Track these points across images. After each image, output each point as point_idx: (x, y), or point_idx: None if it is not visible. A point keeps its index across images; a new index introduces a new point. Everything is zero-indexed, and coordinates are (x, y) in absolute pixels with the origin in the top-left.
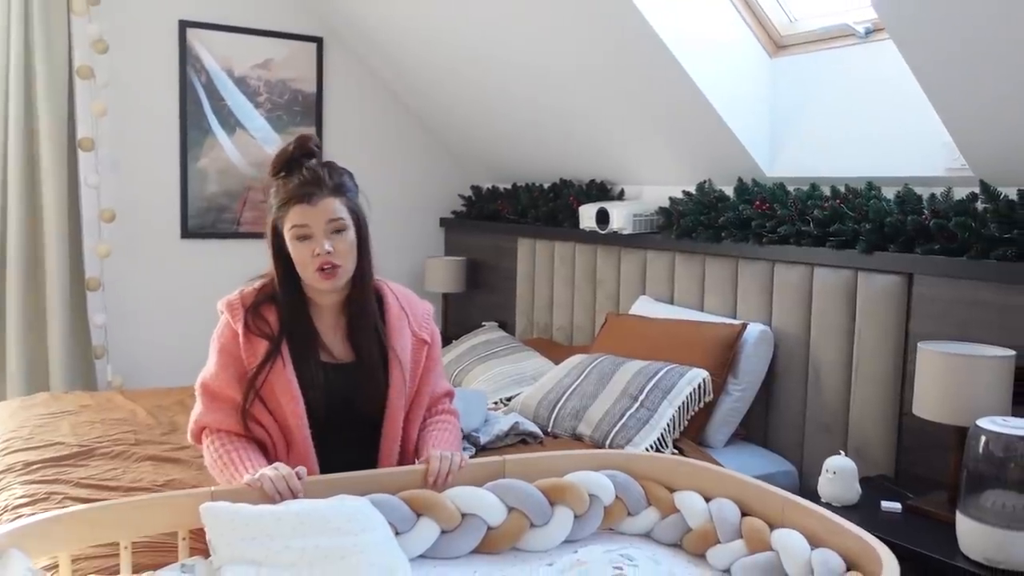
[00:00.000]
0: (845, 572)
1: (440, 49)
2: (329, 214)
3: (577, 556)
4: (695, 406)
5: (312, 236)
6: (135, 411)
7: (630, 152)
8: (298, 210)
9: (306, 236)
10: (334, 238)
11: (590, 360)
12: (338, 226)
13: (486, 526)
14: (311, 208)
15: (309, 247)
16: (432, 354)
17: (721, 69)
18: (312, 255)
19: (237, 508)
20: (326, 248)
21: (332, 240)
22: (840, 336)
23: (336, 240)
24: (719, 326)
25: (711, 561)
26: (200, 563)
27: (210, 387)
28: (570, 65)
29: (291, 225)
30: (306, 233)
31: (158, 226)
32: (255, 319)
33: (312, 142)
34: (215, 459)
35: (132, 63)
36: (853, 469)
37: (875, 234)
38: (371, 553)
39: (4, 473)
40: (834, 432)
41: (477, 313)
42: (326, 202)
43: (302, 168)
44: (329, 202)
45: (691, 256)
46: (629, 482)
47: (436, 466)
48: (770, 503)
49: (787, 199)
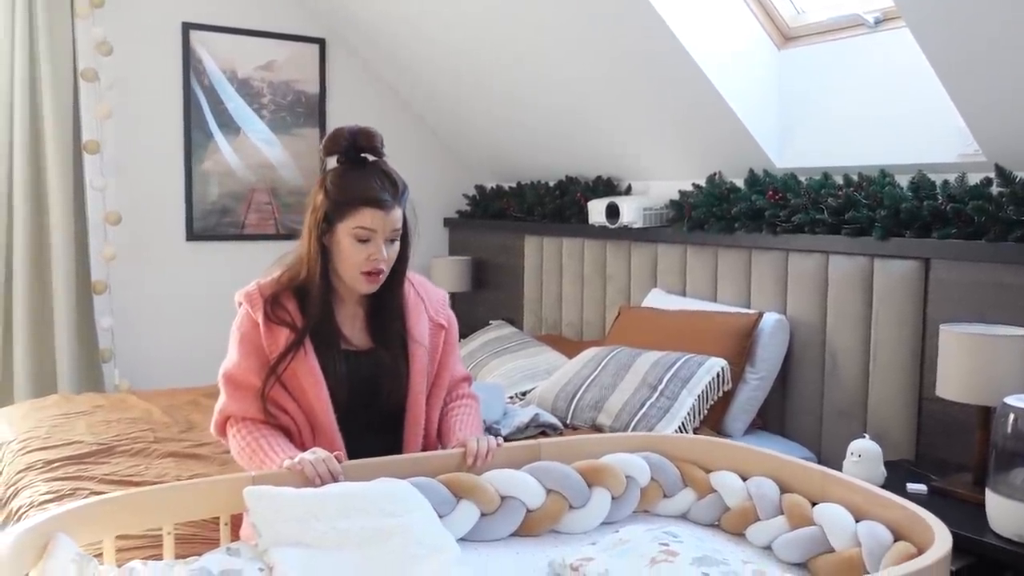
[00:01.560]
0: (893, 543)
1: (442, 48)
2: (395, 224)
3: (619, 535)
4: (714, 395)
5: (372, 240)
6: (150, 410)
7: (637, 147)
8: (369, 213)
9: (367, 240)
10: (390, 246)
11: (606, 352)
12: (396, 235)
13: (525, 508)
14: (384, 215)
15: (366, 250)
16: (449, 338)
17: (730, 61)
18: (367, 259)
19: (281, 491)
20: (384, 256)
21: (387, 249)
22: (857, 323)
23: (390, 249)
24: (735, 316)
25: (751, 539)
26: (244, 547)
27: (233, 377)
28: (575, 61)
29: (356, 225)
30: (369, 237)
31: (163, 229)
32: (275, 308)
33: (378, 140)
34: (242, 447)
35: (136, 66)
36: (878, 451)
37: (891, 220)
38: (418, 532)
39: (25, 471)
40: (853, 418)
41: (484, 312)
42: (396, 212)
43: (368, 165)
44: (397, 213)
45: (703, 248)
46: (664, 463)
47: (474, 447)
48: (810, 480)
49: (799, 188)
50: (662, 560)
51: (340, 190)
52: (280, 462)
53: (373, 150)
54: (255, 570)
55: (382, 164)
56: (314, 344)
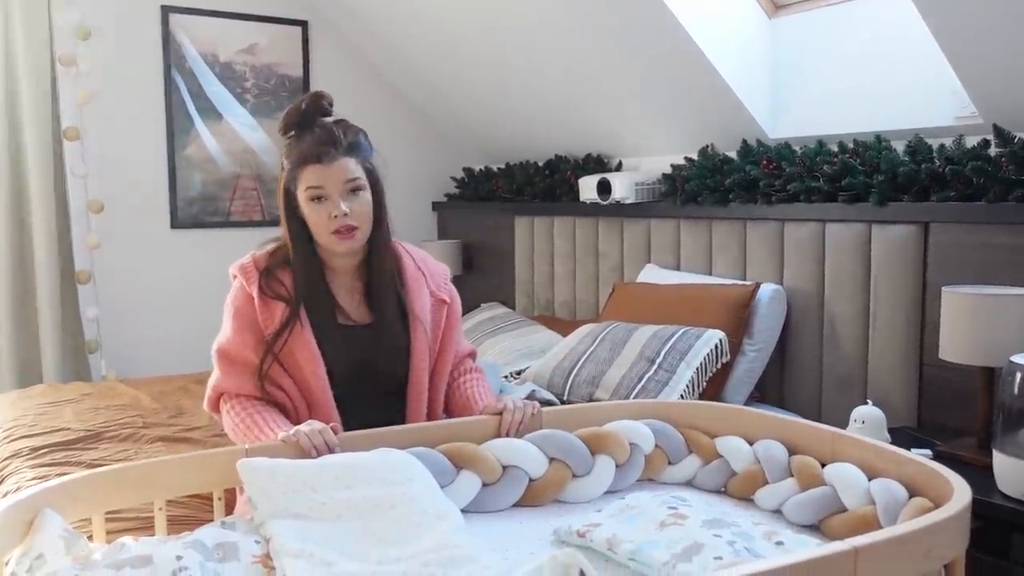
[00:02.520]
0: (908, 500)
1: (426, 29)
2: (345, 174)
3: (625, 502)
4: (713, 367)
5: (327, 197)
6: (138, 397)
7: (627, 122)
8: (312, 170)
9: (321, 197)
10: (350, 199)
11: (602, 328)
12: (354, 186)
13: (528, 478)
14: (326, 168)
15: (325, 209)
16: (452, 314)
17: (720, 31)
18: (328, 217)
19: (276, 462)
20: (342, 210)
21: (348, 201)
22: (855, 290)
23: (352, 201)
24: (731, 287)
25: (759, 503)
26: (240, 520)
27: (227, 352)
28: (562, 36)
29: (305, 186)
30: (321, 194)
31: (147, 217)
32: (269, 281)
33: (325, 100)
34: (236, 423)
35: (115, 50)
36: (881, 417)
37: (888, 185)
38: (420, 501)
39: (11, 459)
40: (853, 386)
41: (476, 295)
42: (341, 162)
43: (314, 125)
44: (344, 162)
45: (696, 222)
46: (668, 429)
47: (509, 419)
48: (819, 440)
49: (794, 157)
50: (671, 523)
51: (288, 158)
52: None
53: (320, 111)
54: (251, 542)
55: (327, 122)
56: (311, 319)
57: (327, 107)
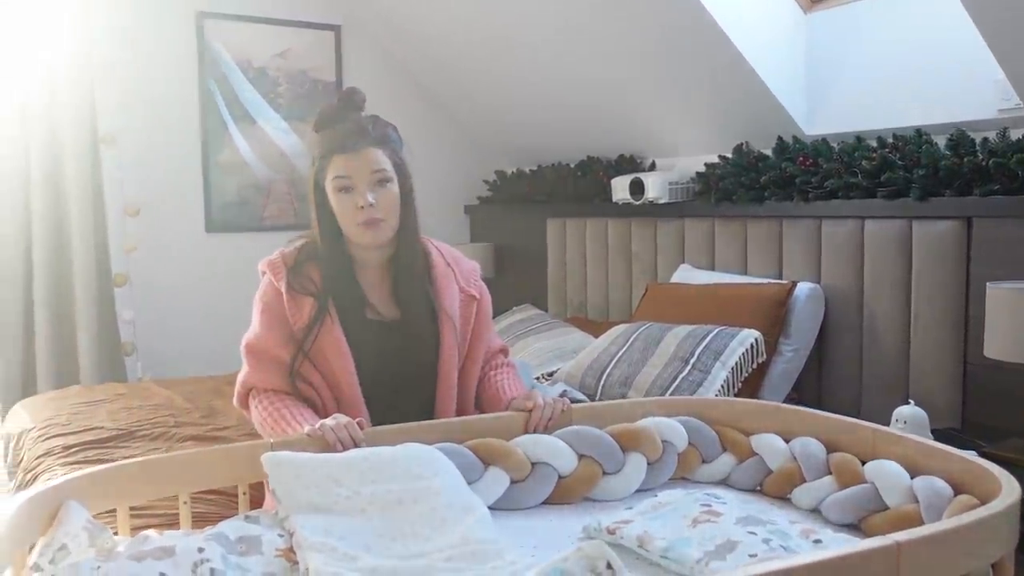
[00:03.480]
0: (953, 497)
1: (457, 32)
2: (372, 164)
3: (658, 499)
4: (748, 367)
5: (354, 188)
6: (171, 398)
7: (660, 122)
8: (340, 160)
9: (348, 188)
10: (377, 190)
11: (635, 328)
12: (381, 177)
13: (557, 475)
14: (353, 157)
15: (351, 199)
16: (482, 309)
17: (755, 27)
18: (355, 208)
19: (301, 456)
20: (369, 200)
21: (375, 192)
22: (896, 288)
23: (379, 193)
24: (767, 286)
25: (797, 502)
26: (264, 514)
27: (256, 347)
28: (593, 35)
29: (333, 176)
30: (348, 184)
31: (183, 221)
32: (298, 277)
33: (358, 95)
34: (264, 418)
35: (151, 56)
36: (924, 417)
37: (929, 180)
38: (447, 495)
39: (43, 457)
40: (894, 386)
41: (507, 298)
42: (368, 152)
43: (346, 120)
44: (371, 152)
45: (731, 221)
46: (702, 427)
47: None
48: (858, 437)
49: (831, 153)
50: (704, 520)
51: (316, 151)
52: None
53: (353, 106)
54: (275, 535)
55: (356, 115)
56: (339, 314)
57: (359, 102)
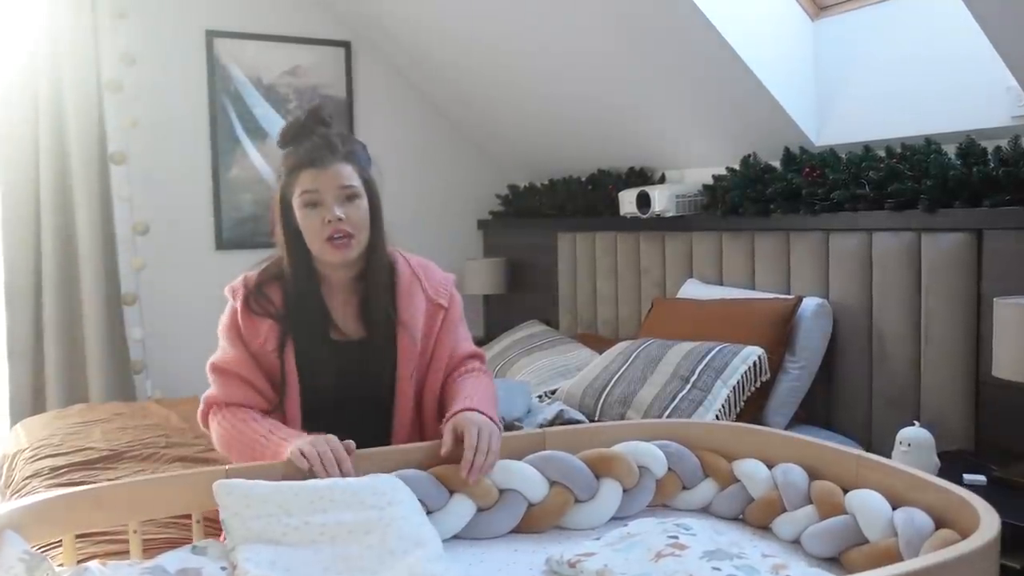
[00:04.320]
0: (934, 531)
1: (468, 48)
2: (340, 180)
3: (627, 529)
4: (751, 386)
5: (322, 203)
6: (168, 417)
7: (669, 134)
8: (308, 175)
9: (316, 203)
10: (346, 206)
11: (636, 345)
12: (350, 193)
13: (526, 502)
14: (321, 172)
15: (319, 215)
16: (449, 318)
17: (761, 36)
18: (323, 223)
19: (252, 484)
20: (337, 214)
21: (344, 208)
22: (905, 304)
23: (348, 208)
24: (772, 301)
25: (777, 532)
26: (213, 545)
27: (219, 366)
28: (602, 49)
29: (300, 191)
30: (316, 200)
31: (192, 238)
32: (257, 299)
33: (324, 112)
34: (227, 430)
35: (160, 75)
36: (930, 439)
37: (938, 191)
38: (398, 526)
39: (30, 479)
40: (904, 407)
41: (519, 314)
42: (337, 167)
43: (313, 135)
44: (340, 167)
45: (738, 234)
46: (683, 452)
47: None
48: (842, 464)
49: (839, 164)
50: (668, 554)
51: (284, 166)
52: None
53: (321, 121)
54: (217, 569)
55: (325, 132)
56: (301, 334)
57: (327, 119)
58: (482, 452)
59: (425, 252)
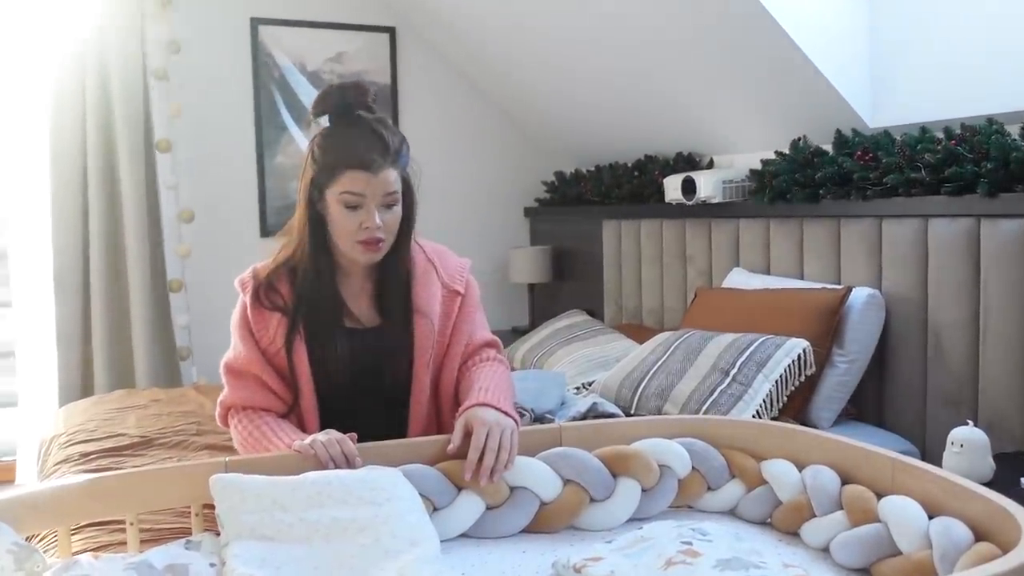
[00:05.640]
0: (973, 543)
1: (515, 32)
2: (387, 187)
3: (641, 533)
4: (795, 380)
5: (363, 206)
6: (203, 404)
7: (717, 118)
8: (356, 177)
9: (358, 205)
10: (384, 212)
11: (677, 336)
12: (392, 200)
13: (539, 501)
14: (372, 177)
15: (357, 217)
16: (466, 304)
17: (811, 11)
18: (359, 226)
19: (249, 479)
20: (377, 223)
21: (383, 214)
22: (963, 295)
23: (386, 214)
24: (819, 292)
25: (806, 538)
26: (208, 539)
27: (232, 367)
28: (649, 32)
29: (343, 190)
30: (359, 203)
31: (237, 225)
32: (267, 292)
33: (370, 95)
34: (245, 437)
35: (206, 63)
36: (984, 441)
37: (999, 173)
38: (394, 524)
39: (60, 464)
40: (961, 405)
41: (564, 303)
42: (387, 173)
43: (359, 122)
44: (389, 174)
45: (787, 221)
46: (708, 451)
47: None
48: (878, 468)
49: (892, 147)
50: (679, 562)
51: (325, 152)
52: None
53: (363, 105)
54: (206, 565)
55: (373, 122)
56: (313, 324)
57: (371, 103)
58: (491, 451)
59: (471, 240)
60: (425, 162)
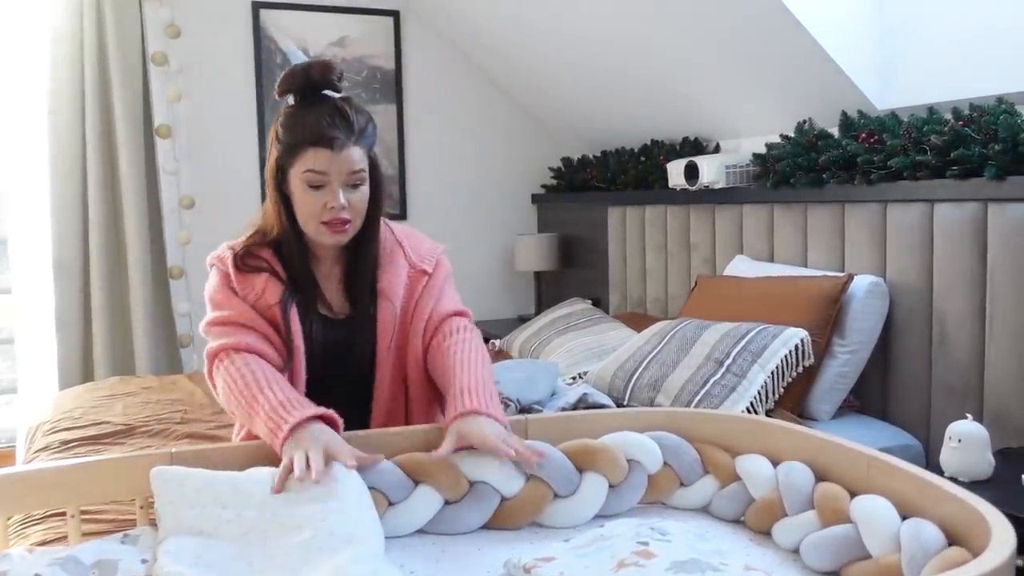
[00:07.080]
0: (945, 547)
1: (520, 15)
2: (351, 165)
3: (602, 531)
4: (792, 371)
5: (327, 185)
6: (193, 392)
7: (723, 101)
8: (318, 154)
9: (320, 185)
10: (350, 192)
11: (672, 325)
12: (357, 179)
13: (499, 496)
14: (334, 155)
15: (320, 198)
16: (432, 282)
17: None
18: (323, 207)
19: (189, 473)
20: (341, 202)
21: (348, 193)
22: (968, 282)
23: (352, 194)
24: (819, 280)
25: (777, 539)
26: (148, 533)
27: (218, 320)
28: (655, 16)
29: (305, 168)
30: (321, 182)
31: (238, 212)
32: (247, 257)
33: (335, 73)
34: (235, 379)
35: (206, 47)
36: (983, 435)
37: (1007, 156)
38: (333, 521)
39: (40, 452)
40: (967, 397)
41: (570, 291)
42: (350, 151)
43: (323, 101)
44: (353, 152)
45: (791, 207)
46: (681, 445)
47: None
48: (852, 465)
49: (899, 129)
50: (631, 563)
51: (287, 131)
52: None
53: (329, 84)
54: (137, 561)
55: (338, 100)
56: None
57: (336, 82)
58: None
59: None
60: (429, 149)
